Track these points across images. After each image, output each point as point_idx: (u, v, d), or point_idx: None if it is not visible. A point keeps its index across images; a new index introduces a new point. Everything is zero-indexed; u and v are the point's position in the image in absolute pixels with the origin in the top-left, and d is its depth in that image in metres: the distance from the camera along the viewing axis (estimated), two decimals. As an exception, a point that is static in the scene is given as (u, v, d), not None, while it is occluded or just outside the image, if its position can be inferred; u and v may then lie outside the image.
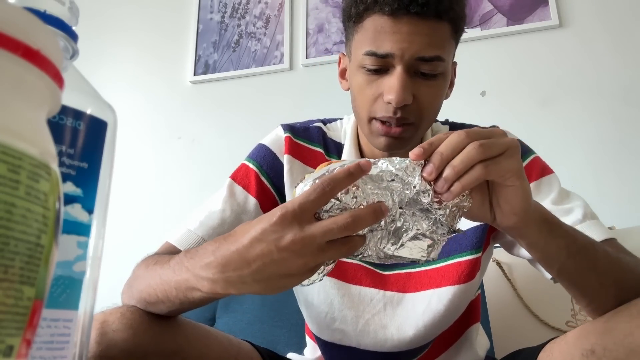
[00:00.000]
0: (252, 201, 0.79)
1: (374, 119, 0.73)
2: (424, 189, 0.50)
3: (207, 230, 0.75)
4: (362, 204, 0.48)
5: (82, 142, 0.34)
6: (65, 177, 0.32)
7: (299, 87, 1.83)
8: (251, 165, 0.82)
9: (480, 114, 1.59)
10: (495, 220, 0.55)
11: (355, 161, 0.48)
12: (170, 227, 0.81)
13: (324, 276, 0.53)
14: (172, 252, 0.71)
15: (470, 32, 1.68)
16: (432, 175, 0.49)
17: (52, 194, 0.22)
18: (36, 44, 0.21)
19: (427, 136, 0.82)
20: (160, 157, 1.91)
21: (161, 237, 0.79)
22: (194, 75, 1.95)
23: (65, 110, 0.33)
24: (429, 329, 0.78)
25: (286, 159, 0.81)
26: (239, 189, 0.80)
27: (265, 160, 0.82)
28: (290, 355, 0.98)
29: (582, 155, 1.50)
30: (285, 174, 0.81)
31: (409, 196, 0.50)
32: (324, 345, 0.85)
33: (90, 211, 0.34)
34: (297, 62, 1.86)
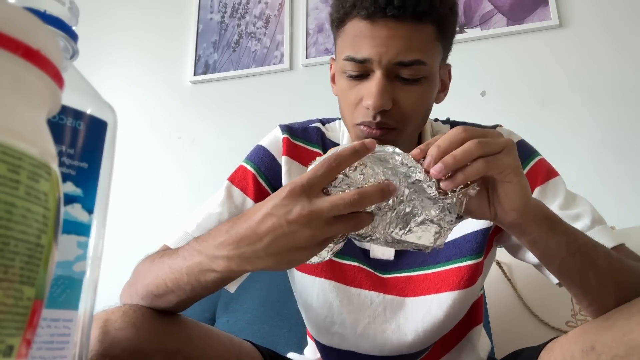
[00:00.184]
0: (250, 203, 0.78)
1: (356, 124, 0.72)
2: (428, 179, 0.52)
3: (204, 232, 0.75)
4: (369, 181, 0.51)
5: (82, 142, 0.34)
6: (65, 177, 0.32)
7: (299, 87, 1.83)
8: (249, 167, 0.81)
9: (480, 114, 1.58)
10: (496, 217, 0.56)
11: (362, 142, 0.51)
12: (170, 227, 0.80)
13: (333, 254, 0.56)
14: None
15: (470, 32, 1.68)
16: (431, 165, 0.51)
17: (52, 194, 0.22)
18: (36, 44, 0.21)
19: (427, 136, 0.82)
20: (160, 157, 1.91)
21: (161, 237, 0.79)
22: (194, 75, 1.94)
23: (65, 110, 0.33)
24: (429, 334, 0.77)
25: (284, 160, 0.81)
26: (236, 191, 0.79)
27: (263, 162, 0.81)
28: (290, 355, 0.98)
29: (582, 155, 1.50)
30: (283, 175, 0.80)
31: (414, 179, 0.52)
32: (323, 349, 0.84)
33: (90, 211, 0.34)
34: (297, 62, 1.86)
